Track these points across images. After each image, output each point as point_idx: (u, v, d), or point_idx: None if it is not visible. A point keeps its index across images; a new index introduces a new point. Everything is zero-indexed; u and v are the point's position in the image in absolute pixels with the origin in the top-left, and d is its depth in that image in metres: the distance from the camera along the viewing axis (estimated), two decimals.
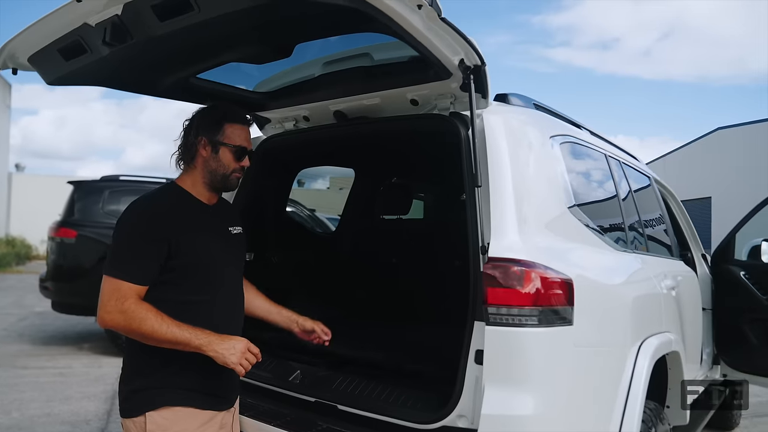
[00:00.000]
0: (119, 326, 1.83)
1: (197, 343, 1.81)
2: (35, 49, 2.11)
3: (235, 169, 2.02)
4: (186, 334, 1.81)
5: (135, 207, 1.96)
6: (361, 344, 2.86)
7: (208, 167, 2.01)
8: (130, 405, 1.94)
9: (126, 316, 1.80)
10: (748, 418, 5.21)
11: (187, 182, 2.04)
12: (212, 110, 2.08)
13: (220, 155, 1.99)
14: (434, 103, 2.42)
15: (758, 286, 3.93)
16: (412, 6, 1.71)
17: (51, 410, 4.90)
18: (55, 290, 7.21)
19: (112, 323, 1.84)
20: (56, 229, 7.18)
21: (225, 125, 2.01)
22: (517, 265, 1.94)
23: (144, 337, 1.82)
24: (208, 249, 1.97)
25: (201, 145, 2.00)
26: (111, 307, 1.81)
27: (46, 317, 9.32)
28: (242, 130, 2.05)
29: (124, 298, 1.80)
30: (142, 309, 1.80)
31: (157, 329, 1.79)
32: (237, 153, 2.01)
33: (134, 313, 1.80)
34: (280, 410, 2.38)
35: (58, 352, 7.19)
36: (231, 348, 1.84)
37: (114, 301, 1.81)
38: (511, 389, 1.89)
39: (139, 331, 1.80)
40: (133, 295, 1.82)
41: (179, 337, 1.80)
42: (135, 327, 1.80)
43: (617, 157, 3.24)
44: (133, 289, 1.83)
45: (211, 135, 2.00)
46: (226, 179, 2.02)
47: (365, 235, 4.10)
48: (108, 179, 7.67)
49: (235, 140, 2.01)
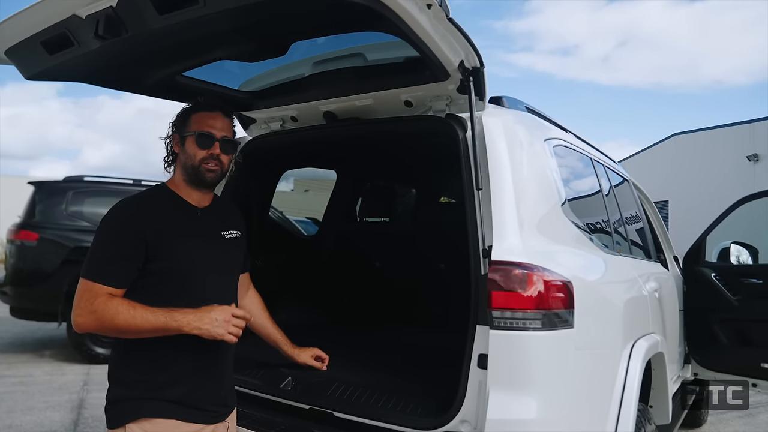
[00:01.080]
0: (93, 326, 1.76)
1: (176, 325, 1.74)
2: (15, 41, 1.99)
3: (203, 158, 1.91)
4: (161, 318, 1.74)
5: (115, 207, 1.90)
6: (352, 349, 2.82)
7: (181, 163, 1.96)
8: (111, 416, 1.86)
9: (97, 315, 1.73)
10: (715, 415, 5.39)
11: (174, 183, 1.99)
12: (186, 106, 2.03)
13: (186, 146, 1.94)
14: (429, 104, 2.40)
15: (728, 287, 4.04)
16: (422, 5, 1.68)
17: (12, 422, 4.68)
18: (14, 295, 6.92)
19: (85, 325, 1.76)
20: (16, 231, 6.89)
21: (191, 116, 1.96)
22: (519, 268, 1.94)
23: (121, 332, 1.76)
24: (188, 254, 1.88)
25: (175, 143, 1.98)
26: (81, 308, 1.75)
27: (3, 323, 8.91)
28: (207, 117, 1.95)
29: (94, 298, 1.74)
30: (112, 304, 1.73)
31: (131, 321, 1.72)
32: (199, 140, 1.92)
33: (104, 310, 1.73)
34: (274, 419, 2.32)
35: (18, 360, 6.89)
36: (213, 321, 1.77)
37: (84, 302, 1.74)
38: (515, 393, 1.88)
39: (113, 326, 1.74)
40: (104, 294, 1.75)
41: (155, 323, 1.73)
42: (108, 324, 1.73)
43: (600, 161, 3.29)
44: (102, 290, 1.75)
45: (180, 130, 1.97)
46: (196, 171, 1.92)
47: (350, 237, 4.05)
48: (72, 180, 7.38)
49: (197, 127, 1.93)
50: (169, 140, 2.00)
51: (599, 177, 3.09)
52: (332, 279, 3.80)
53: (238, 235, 2.09)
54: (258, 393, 2.43)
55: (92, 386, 5.74)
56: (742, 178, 20.94)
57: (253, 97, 2.83)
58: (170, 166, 2.01)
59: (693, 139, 24.40)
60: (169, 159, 2.01)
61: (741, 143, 22.00)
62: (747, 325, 3.93)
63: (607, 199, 3.13)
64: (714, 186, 21.01)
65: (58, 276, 6.68)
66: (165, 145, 2.01)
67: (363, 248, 3.95)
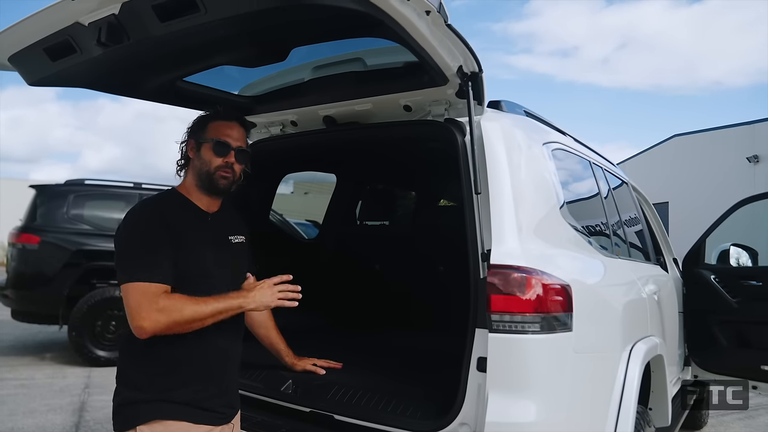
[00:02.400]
0: (162, 326, 1.75)
1: (237, 304, 1.87)
2: (18, 48, 2.01)
3: (219, 166, 1.95)
4: (225, 303, 1.84)
5: (137, 210, 1.93)
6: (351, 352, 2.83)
7: (195, 168, 1.99)
8: (120, 418, 1.87)
9: (165, 312, 1.75)
10: (715, 417, 5.39)
11: (185, 188, 2.02)
12: (203, 114, 2.07)
13: (202, 153, 1.97)
14: (428, 109, 2.42)
15: (727, 289, 4.05)
16: (421, 11, 1.70)
17: (14, 424, 4.69)
18: (15, 298, 6.92)
19: (154, 327, 1.75)
20: (18, 234, 6.90)
21: (209, 124, 2.00)
22: (518, 272, 1.95)
23: (189, 324, 1.79)
24: (203, 259, 1.92)
25: (189, 148, 2.01)
26: (146, 312, 1.74)
27: (4, 326, 8.92)
28: (224, 126, 2.00)
29: (156, 298, 1.75)
30: (175, 299, 1.78)
31: (199, 310, 1.79)
32: (216, 147, 1.96)
33: (172, 305, 1.76)
34: (275, 421, 2.33)
35: (19, 363, 6.90)
36: (267, 295, 1.93)
37: (147, 304, 1.74)
38: (514, 396, 1.89)
39: (183, 320, 1.77)
40: (162, 293, 1.77)
41: (219, 307, 1.82)
42: (178, 318, 1.76)
43: (599, 164, 3.30)
44: (160, 288, 1.77)
45: (197, 136, 2.00)
46: (210, 177, 1.96)
47: (349, 241, 4.06)
48: (73, 183, 7.40)
49: (215, 134, 1.98)
50: (184, 145, 2.03)
51: (598, 180, 3.10)
52: (332, 282, 3.81)
53: (243, 240, 2.13)
54: (259, 396, 2.45)
55: (93, 389, 5.75)
56: (742, 179, 20.95)
57: (254, 102, 2.85)
58: (182, 170, 2.05)
59: (693, 140, 24.41)
60: (182, 163, 2.05)
61: (741, 144, 22.02)
62: (747, 328, 3.94)
63: (606, 201, 3.14)
64: (714, 187, 21.03)
65: (59, 279, 6.71)
66: (179, 149, 2.04)
67: (363, 251, 3.96)
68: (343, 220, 4.19)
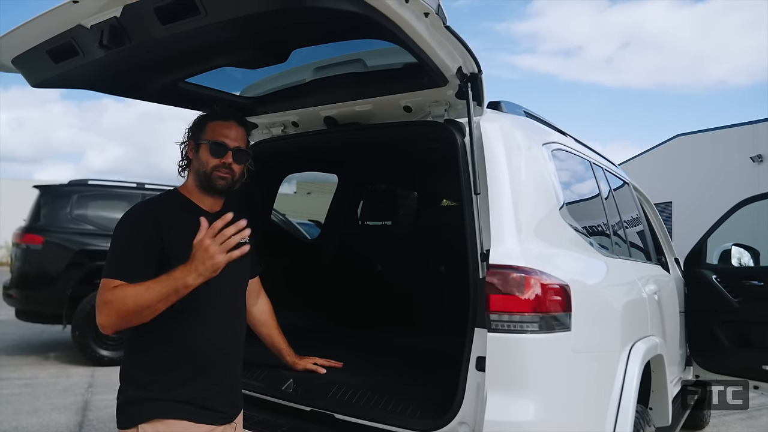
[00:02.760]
0: (113, 318, 1.74)
1: (182, 283, 1.69)
2: (22, 50, 2.03)
3: (215, 166, 1.95)
4: (167, 284, 1.70)
5: (132, 211, 1.95)
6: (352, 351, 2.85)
7: (194, 168, 2.01)
8: (123, 416, 1.89)
9: (110, 305, 1.73)
10: (717, 417, 5.38)
11: (187, 188, 2.04)
12: (202, 114, 2.09)
13: (200, 154, 1.99)
14: (428, 110, 2.43)
15: (729, 289, 4.05)
16: (419, 13, 1.71)
17: (18, 423, 4.72)
18: (19, 298, 6.96)
19: (106, 321, 1.74)
20: (21, 235, 6.94)
21: (207, 124, 2.01)
22: (517, 272, 1.96)
23: (137, 313, 1.72)
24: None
25: (189, 148, 2.03)
26: (98, 306, 1.75)
27: (8, 326, 8.97)
28: (222, 126, 2.00)
29: (105, 291, 1.75)
30: (118, 290, 1.74)
31: (140, 297, 1.70)
32: (213, 148, 1.96)
33: (115, 297, 1.73)
34: (276, 420, 2.35)
35: (24, 362, 6.94)
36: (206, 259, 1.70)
37: (98, 299, 1.76)
38: (513, 395, 1.90)
39: (128, 310, 1.72)
40: (112, 287, 1.76)
41: (162, 290, 1.70)
42: (123, 309, 1.72)
43: (599, 164, 3.31)
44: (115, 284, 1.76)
45: (196, 137, 2.01)
46: (208, 178, 1.97)
47: (351, 241, 4.08)
48: (76, 183, 7.45)
49: (212, 136, 1.98)
50: (185, 146, 2.05)
51: (598, 180, 3.11)
52: (334, 282, 3.83)
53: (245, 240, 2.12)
54: (261, 395, 2.46)
55: (97, 388, 5.78)
56: (746, 179, 20.90)
57: (255, 103, 2.87)
58: (184, 171, 2.07)
59: (696, 140, 24.36)
60: (183, 164, 2.06)
61: (745, 144, 21.97)
62: (748, 327, 3.94)
63: (606, 202, 3.15)
64: (718, 187, 20.98)
65: (63, 279, 6.74)
66: (180, 150, 2.06)
67: (364, 251, 3.98)
68: (345, 220, 4.21)
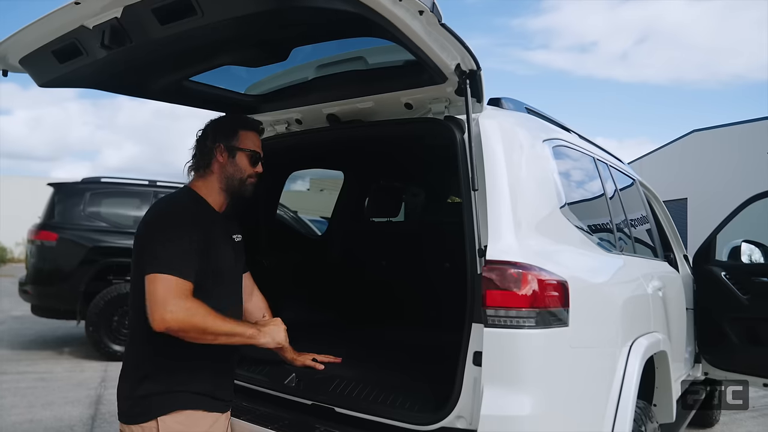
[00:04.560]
0: (181, 325, 1.78)
1: (250, 332, 1.96)
2: (28, 51, 2.08)
3: (251, 174, 2.10)
4: (240, 327, 1.94)
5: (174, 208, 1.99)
6: (355, 346, 2.87)
7: (225, 173, 2.07)
8: (140, 410, 1.93)
9: (190, 313, 1.78)
10: (727, 415, 5.33)
11: (202, 188, 2.08)
12: (228, 118, 2.21)
13: (237, 160, 2.07)
14: (429, 107, 2.44)
15: (738, 286, 4.01)
16: (414, 12, 1.72)
17: (33, 416, 4.82)
18: (35, 294, 7.09)
19: (175, 323, 1.77)
20: (36, 232, 7.06)
21: (240, 132, 2.10)
22: (514, 268, 1.97)
23: (203, 334, 1.82)
24: (219, 257, 1.99)
25: (218, 151, 2.08)
26: (172, 306, 1.76)
27: (24, 321, 9.14)
28: (255, 137, 2.15)
29: (184, 295, 1.79)
30: (202, 305, 1.82)
31: (218, 324, 1.84)
32: (252, 158, 2.10)
33: (197, 310, 1.80)
34: (278, 414, 2.38)
35: (39, 357, 7.07)
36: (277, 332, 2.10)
37: (174, 299, 1.77)
38: (509, 390, 1.91)
39: (200, 328, 1.80)
40: (189, 292, 1.82)
41: (236, 330, 1.91)
42: (198, 324, 1.80)
43: (604, 160, 3.30)
44: (187, 286, 1.81)
45: (227, 141, 2.08)
46: (242, 184, 2.08)
47: (356, 237, 4.10)
48: (89, 181, 7.55)
49: (250, 145, 2.11)
50: (211, 146, 2.07)
51: (603, 176, 3.10)
52: (339, 277, 3.86)
53: (240, 238, 2.22)
54: (263, 389, 2.50)
55: (110, 383, 5.87)
56: (762, 174, 20.54)
57: (259, 101, 2.89)
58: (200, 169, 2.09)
59: (712, 135, 24.00)
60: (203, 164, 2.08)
61: (761, 139, 21.59)
62: (758, 325, 3.90)
63: (611, 198, 3.13)
64: (734, 183, 20.63)
65: (76, 275, 6.85)
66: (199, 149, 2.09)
67: (369, 247, 4.00)
68: (351, 216, 4.23)
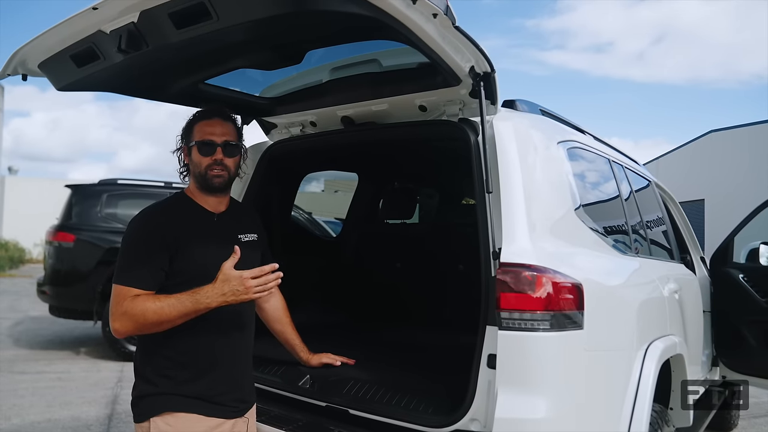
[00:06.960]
0: (129, 328, 1.84)
1: (204, 304, 1.80)
2: (47, 55, 2.11)
3: (208, 165, 1.99)
4: (187, 302, 1.80)
5: (139, 216, 2.01)
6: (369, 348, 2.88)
7: (192, 171, 2.06)
8: (137, 411, 1.96)
9: (128, 315, 1.82)
10: (747, 419, 5.26)
11: (190, 191, 2.09)
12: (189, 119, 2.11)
13: (193, 156, 2.03)
14: (443, 109, 2.45)
15: (757, 288, 3.96)
16: (428, 15, 1.73)
17: (51, 416, 4.88)
18: (53, 294, 7.17)
19: (122, 328, 1.84)
20: (54, 233, 7.15)
21: (194, 127, 2.05)
22: (528, 270, 1.96)
23: (156, 326, 1.83)
24: (204, 258, 1.93)
25: (184, 154, 2.09)
26: (114, 313, 1.84)
27: (41, 322, 9.26)
28: (206, 125, 2.03)
29: (122, 300, 1.83)
30: (139, 301, 1.82)
31: (160, 312, 1.80)
32: (201, 148, 2.00)
33: (133, 309, 1.81)
34: (292, 415, 2.39)
35: (56, 357, 7.15)
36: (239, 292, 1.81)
37: (115, 306, 1.84)
38: (523, 393, 1.91)
39: (147, 323, 1.81)
40: (131, 296, 1.84)
41: (183, 309, 1.80)
42: (142, 321, 1.81)
43: (620, 162, 3.27)
44: (132, 293, 1.84)
45: (187, 141, 2.07)
46: (204, 177, 2.01)
47: (370, 239, 4.11)
48: (106, 183, 7.64)
49: (200, 136, 2.02)
50: (180, 152, 2.11)
51: (618, 178, 3.08)
52: (353, 279, 3.87)
53: (255, 238, 2.16)
54: (277, 390, 2.51)
55: (126, 383, 5.92)
56: None
57: (274, 103, 2.92)
58: (185, 176, 2.13)
59: (730, 136, 23.65)
60: (183, 170, 2.12)
61: None
62: None
63: (626, 200, 3.11)
64: (751, 184, 20.34)
65: (93, 276, 6.91)
66: (176, 157, 2.12)
67: (383, 249, 4.01)
68: (365, 218, 4.25)
